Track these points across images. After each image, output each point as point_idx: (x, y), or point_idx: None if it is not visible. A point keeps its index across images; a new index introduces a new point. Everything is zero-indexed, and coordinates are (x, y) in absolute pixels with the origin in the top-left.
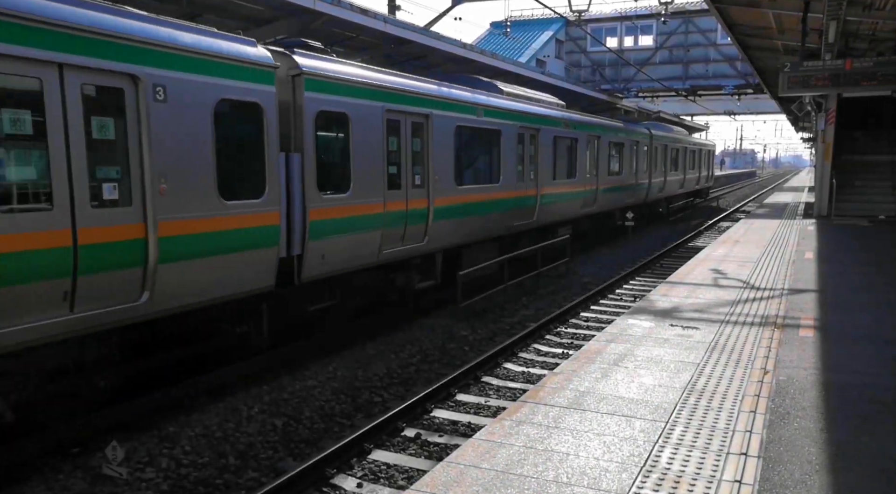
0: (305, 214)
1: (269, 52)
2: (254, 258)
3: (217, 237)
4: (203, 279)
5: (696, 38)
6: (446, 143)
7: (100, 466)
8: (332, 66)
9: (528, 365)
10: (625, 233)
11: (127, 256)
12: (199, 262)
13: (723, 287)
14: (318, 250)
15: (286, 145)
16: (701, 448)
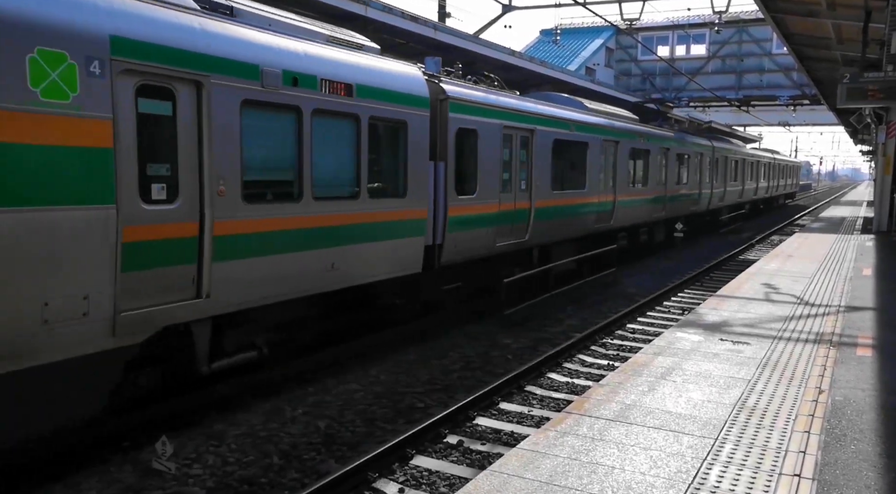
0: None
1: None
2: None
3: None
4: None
5: (750, 47)
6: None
7: (149, 460)
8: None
9: (572, 376)
10: (674, 244)
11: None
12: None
13: (775, 302)
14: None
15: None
16: (752, 467)
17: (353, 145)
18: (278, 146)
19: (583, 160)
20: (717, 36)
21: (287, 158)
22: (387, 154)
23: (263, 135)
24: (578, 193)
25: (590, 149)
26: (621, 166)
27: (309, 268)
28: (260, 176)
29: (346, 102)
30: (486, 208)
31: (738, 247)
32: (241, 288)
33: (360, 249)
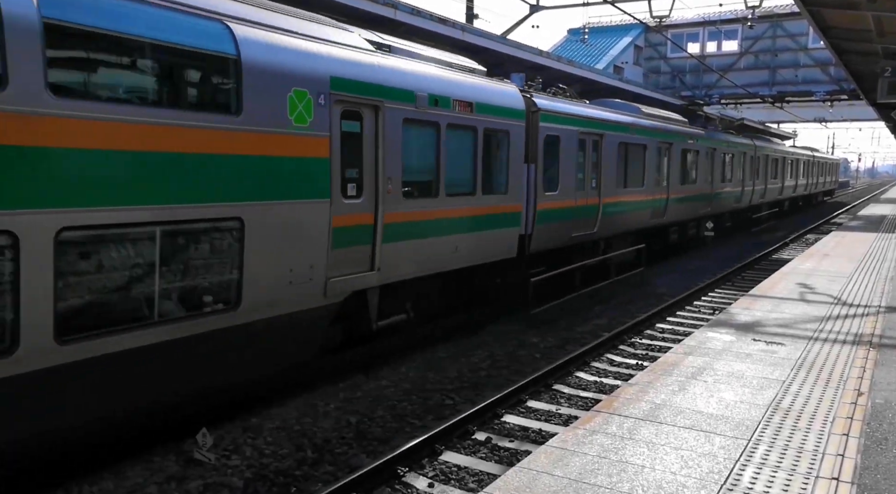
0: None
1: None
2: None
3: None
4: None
5: (784, 42)
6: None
7: (191, 451)
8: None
9: (600, 375)
10: (704, 244)
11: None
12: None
13: (810, 302)
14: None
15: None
16: (787, 469)
17: (472, 152)
18: (424, 154)
19: (642, 161)
20: (749, 31)
21: (429, 163)
22: (494, 158)
23: (415, 145)
24: (638, 190)
25: (647, 150)
26: (674, 166)
27: (441, 250)
28: (413, 177)
29: (468, 117)
30: (566, 204)
31: (772, 246)
32: (398, 264)
33: (474, 236)
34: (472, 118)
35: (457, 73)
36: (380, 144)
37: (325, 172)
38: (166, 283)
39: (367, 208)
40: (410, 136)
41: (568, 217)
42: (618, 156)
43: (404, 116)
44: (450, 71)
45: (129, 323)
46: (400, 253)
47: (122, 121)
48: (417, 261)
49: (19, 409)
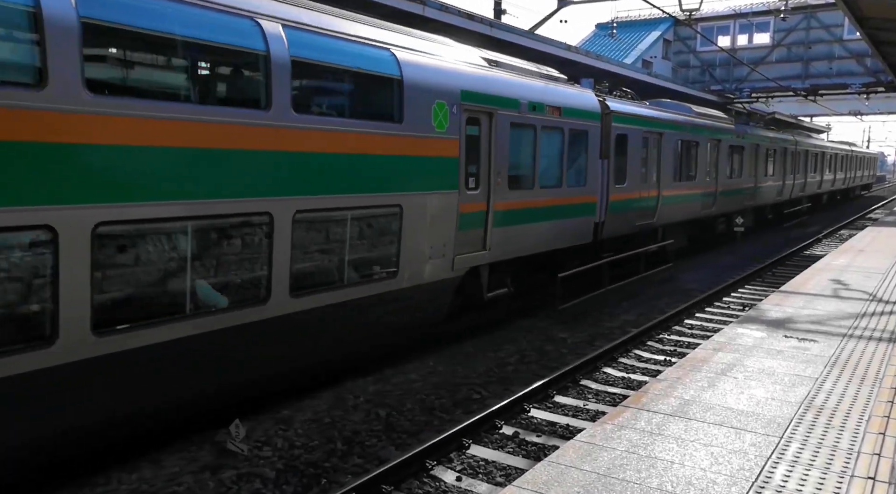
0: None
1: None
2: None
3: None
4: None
5: (818, 34)
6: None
7: (224, 442)
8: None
9: (628, 371)
10: (733, 239)
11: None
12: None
13: (844, 299)
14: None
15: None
16: (820, 467)
17: (560, 150)
18: (524, 152)
19: (694, 157)
20: (782, 23)
21: (528, 160)
22: (576, 155)
23: (517, 145)
24: (691, 184)
25: (699, 147)
26: (722, 161)
27: (535, 235)
28: (515, 172)
29: (558, 120)
30: (631, 195)
31: (804, 242)
32: (503, 246)
33: (559, 223)
34: (560, 121)
35: (547, 82)
36: (492, 145)
37: (456, 168)
38: (354, 255)
39: (482, 198)
40: (514, 137)
41: (633, 208)
42: (674, 152)
43: (511, 121)
44: (542, 80)
45: (329, 283)
46: (504, 236)
47: (320, 129)
48: (517, 243)
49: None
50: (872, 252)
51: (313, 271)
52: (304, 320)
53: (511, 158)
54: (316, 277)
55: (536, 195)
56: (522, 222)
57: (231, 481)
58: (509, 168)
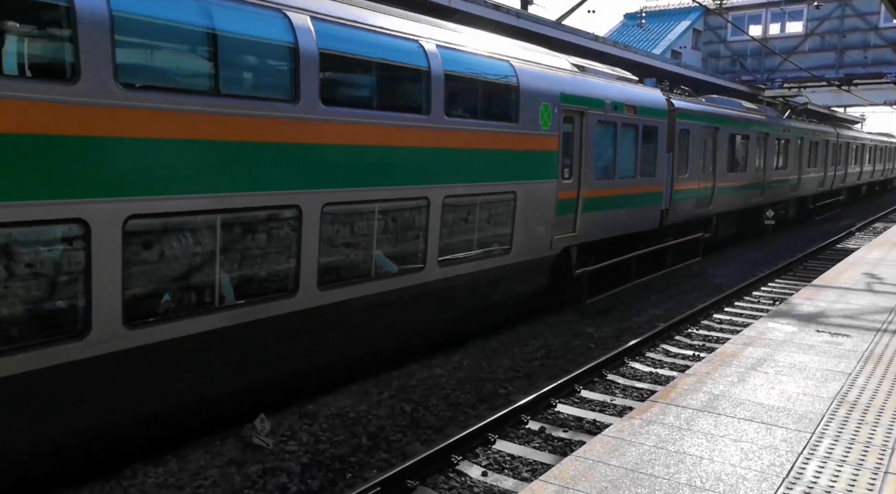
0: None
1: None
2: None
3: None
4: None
5: (853, 22)
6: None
7: (250, 436)
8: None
9: (656, 366)
10: (763, 233)
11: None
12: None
13: (879, 293)
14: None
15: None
16: (853, 463)
17: (634, 144)
18: (606, 146)
19: (745, 150)
20: (815, 12)
21: (609, 153)
22: (647, 149)
23: (602, 140)
24: (742, 175)
25: (749, 141)
26: (769, 153)
27: (614, 220)
28: (600, 164)
29: (633, 117)
30: (692, 185)
31: (836, 236)
32: (589, 229)
33: (634, 210)
34: (635, 118)
35: (624, 83)
36: (582, 140)
37: (556, 161)
38: (485, 235)
39: (574, 187)
40: (599, 133)
41: (693, 197)
42: (727, 146)
43: (597, 119)
44: (619, 82)
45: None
46: (590, 221)
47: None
48: (599, 227)
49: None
50: None
51: (457, 248)
52: (451, 285)
53: (597, 151)
54: (458, 252)
55: (616, 185)
56: (604, 208)
57: (257, 475)
58: (595, 160)
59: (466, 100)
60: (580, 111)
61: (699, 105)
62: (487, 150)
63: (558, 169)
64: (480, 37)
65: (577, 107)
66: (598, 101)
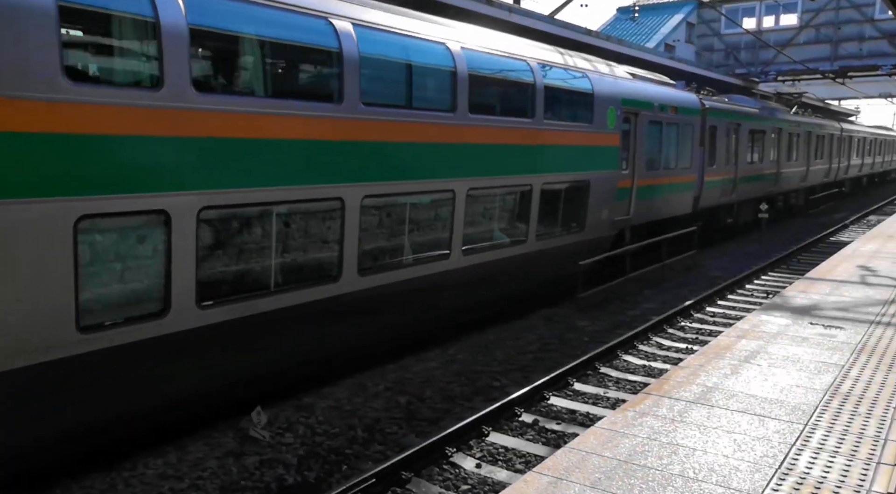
0: (703, 176)
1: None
2: (684, 197)
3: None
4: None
5: (848, 14)
6: (744, 139)
7: (247, 428)
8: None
9: (649, 359)
10: (758, 226)
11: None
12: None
13: (872, 285)
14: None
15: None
16: (846, 454)
17: (675, 140)
18: (654, 142)
19: (762, 143)
20: (810, 4)
21: (656, 148)
22: (684, 144)
23: (650, 137)
24: (759, 166)
25: (766, 135)
26: (783, 147)
27: (658, 205)
28: (649, 157)
29: (674, 116)
30: (718, 176)
31: (830, 228)
32: (639, 213)
33: (674, 197)
34: (675, 117)
35: (664, 87)
36: (636, 137)
37: (617, 155)
38: (566, 216)
39: (629, 177)
40: (649, 131)
41: (720, 185)
42: (747, 140)
43: (648, 119)
44: (661, 86)
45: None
46: (641, 206)
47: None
48: (647, 211)
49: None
50: None
51: (550, 224)
52: (544, 251)
53: (646, 146)
54: (550, 228)
55: (661, 175)
56: (652, 195)
57: (254, 467)
58: (646, 154)
59: (559, 105)
60: (635, 112)
61: (724, 104)
62: (574, 146)
63: (619, 161)
64: (567, 54)
65: (633, 109)
66: (648, 103)
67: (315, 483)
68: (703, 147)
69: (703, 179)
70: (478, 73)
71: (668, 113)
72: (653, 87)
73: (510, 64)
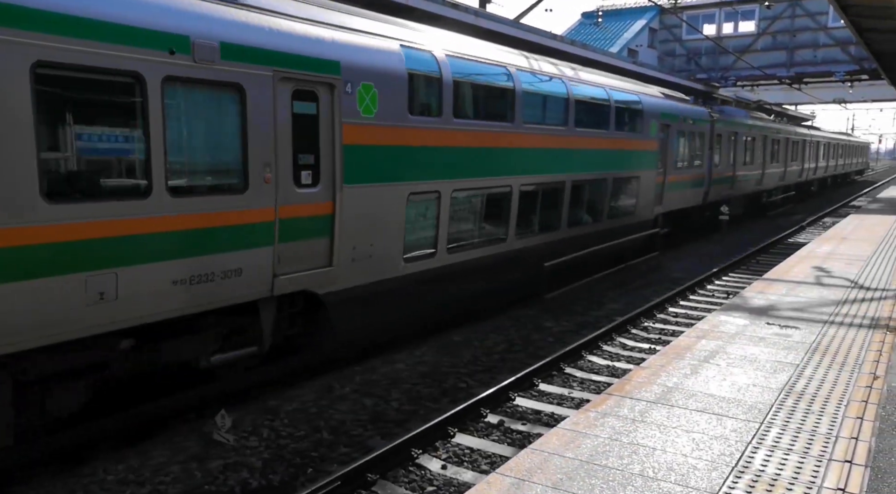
0: (711, 173)
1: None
2: (697, 192)
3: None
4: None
5: (803, 21)
6: (741, 145)
7: (211, 432)
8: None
9: (613, 359)
10: (718, 228)
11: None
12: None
13: (826, 286)
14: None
15: (708, 147)
16: (799, 452)
17: (693, 145)
18: (679, 147)
19: (752, 148)
20: (767, 11)
21: (680, 152)
22: (699, 148)
23: (677, 143)
24: (749, 167)
25: (755, 141)
26: (767, 151)
27: (680, 196)
28: (675, 158)
29: (693, 126)
30: (721, 174)
31: (788, 230)
32: (667, 203)
33: (689, 190)
34: (694, 127)
35: (684, 103)
36: (668, 143)
37: (656, 157)
38: (624, 203)
39: (662, 174)
40: (677, 138)
41: (722, 182)
42: (742, 145)
43: (676, 129)
44: (681, 102)
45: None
46: (669, 197)
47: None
48: (672, 202)
49: (443, 286)
50: (855, 240)
51: (620, 208)
52: (613, 230)
53: (674, 150)
54: (617, 212)
55: (683, 173)
56: (677, 189)
57: (218, 471)
58: (674, 157)
59: (623, 120)
60: (668, 124)
61: (726, 116)
62: (632, 150)
63: (656, 162)
64: (624, 81)
65: (667, 121)
66: (676, 116)
67: (280, 487)
68: (711, 151)
69: (711, 177)
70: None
71: (688, 124)
72: (678, 104)
73: (581, 89)
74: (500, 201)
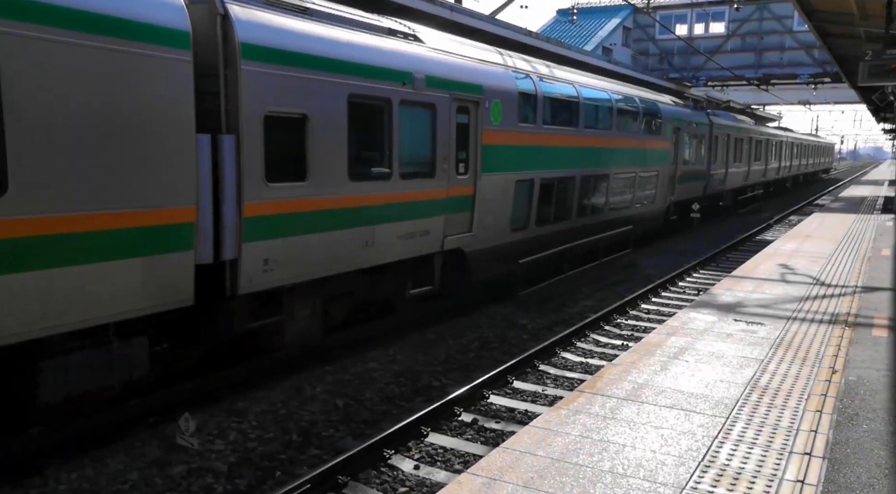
0: (709, 171)
1: (707, 115)
2: (699, 185)
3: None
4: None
5: (770, 25)
6: (732, 145)
7: (173, 436)
8: (716, 118)
9: (586, 356)
10: (690, 225)
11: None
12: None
13: (791, 283)
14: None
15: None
16: (762, 445)
17: (696, 144)
18: (687, 146)
19: (740, 148)
20: (736, 14)
21: (687, 150)
22: (701, 147)
23: (685, 142)
24: (739, 164)
25: (743, 142)
26: (754, 151)
27: (687, 188)
28: (684, 156)
29: (697, 129)
30: (717, 172)
31: (756, 227)
32: (677, 193)
33: (694, 183)
34: (697, 129)
35: (688, 109)
36: (679, 143)
37: (670, 155)
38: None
39: (674, 169)
40: (685, 139)
41: (716, 178)
42: (733, 145)
43: (686, 131)
44: (686, 108)
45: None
46: (679, 188)
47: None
48: (681, 192)
49: (531, 248)
50: (818, 238)
51: (646, 196)
52: (641, 215)
53: (683, 149)
54: (643, 199)
55: (689, 168)
56: (685, 182)
57: (181, 476)
58: (683, 154)
59: (649, 125)
60: (679, 127)
61: (722, 119)
62: (654, 150)
63: (670, 159)
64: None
65: (678, 124)
66: (684, 120)
67: (247, 491)
68: (710, 150)
69: (709, 173)
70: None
71: (693, 127)
72: (685, 109)
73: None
74: (566, 189)
